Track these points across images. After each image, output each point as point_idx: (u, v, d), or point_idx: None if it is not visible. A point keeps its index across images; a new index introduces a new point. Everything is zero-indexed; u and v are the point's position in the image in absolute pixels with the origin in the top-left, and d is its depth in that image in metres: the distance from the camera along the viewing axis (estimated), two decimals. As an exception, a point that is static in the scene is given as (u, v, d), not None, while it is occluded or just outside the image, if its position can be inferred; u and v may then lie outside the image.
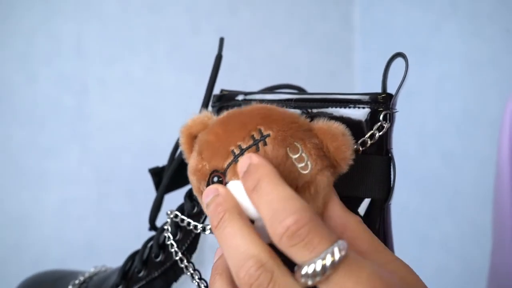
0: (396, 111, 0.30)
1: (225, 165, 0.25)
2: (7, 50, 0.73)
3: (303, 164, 0.25)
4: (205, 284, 0.32)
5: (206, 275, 0.32)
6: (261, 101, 0.30)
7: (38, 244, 0.76)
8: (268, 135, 0.25)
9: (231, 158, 0.25)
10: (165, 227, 0.35)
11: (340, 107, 0.29)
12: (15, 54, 0.74)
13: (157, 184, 0.38)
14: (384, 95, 0.29)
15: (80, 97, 0.77)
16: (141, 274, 0.35)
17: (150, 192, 0.83)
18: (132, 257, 0.37)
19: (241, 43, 0.87)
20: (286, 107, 0.29)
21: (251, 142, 0.25)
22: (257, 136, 0.25)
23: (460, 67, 0.78)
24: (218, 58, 0.34)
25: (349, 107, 0.29)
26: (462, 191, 0.78)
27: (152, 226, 0.38)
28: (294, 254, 0.21)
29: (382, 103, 0.29)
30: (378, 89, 0.30)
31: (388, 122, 0.29)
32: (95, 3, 0.78)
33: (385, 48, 0.93)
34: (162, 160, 0.83)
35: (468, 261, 0.77)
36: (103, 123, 0.79)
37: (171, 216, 0.34)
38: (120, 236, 0.80)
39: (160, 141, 0.82)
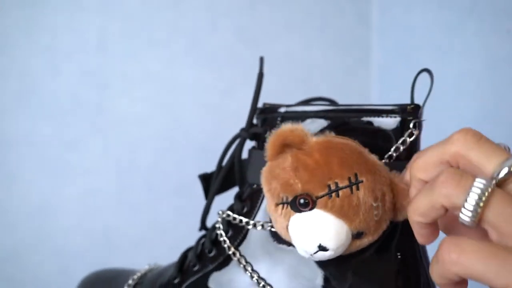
0: (423, 120, 0.33)
1: (319, 195, 0.29)
2: (32, 45, 0.76)
3: (377, 212, 0.29)
4: (258, 275, 0.35)
5: (257, 267, 0.35)
6: (304, 112, 0.34)
7: (60, 234, 0.78)
8: (362, 181, 0.29)
9: (326, 190, 0.29)
10: (217, 225, 0.38)
11: (374, 117, 0.33)
12: (40, 49, 0.76)
13: (205, 188, 0.42)
14: (413, 106, 0.33)
15: (102, 91, 0.79)
16: (196, 268, 0.38)
17: (168, 184, 0.85)
18: (185, 254, 0.40)
19: (258, 40, 0.88)
20: (326, 118, 0.34)
21: (347, 182, 0.28)
22: (353, 179, 0.29)
23: (480, 65, 0.78)
24: (260, 76, 0.37)
25: (382, 117, 0.33)
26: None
27: (203, 226, 0.42)
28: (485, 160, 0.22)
29: (411, 113, 0.32)
30: (395, 89, 0.34)
31: (417, 129, 0.32)
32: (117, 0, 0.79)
33: (403, 46, 0.93)
34: (180, 154, 0.84)
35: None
36: (124, 117, 0.80)
37: (223, 215, 0.37)
38: (139, 228, 0.82)
39: (179, 135, 0.84)
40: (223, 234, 0.37)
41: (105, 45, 0.79)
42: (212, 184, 0.40)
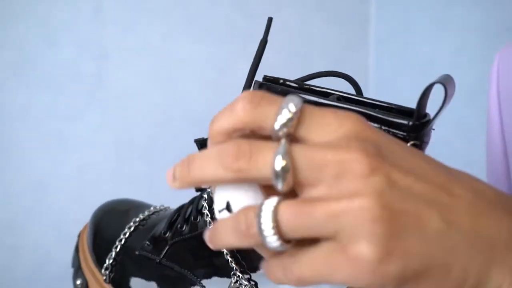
0: (425, 142, 0.29)
1: None
2: (29, 16, 0.75)
3: None
4: (235, 257, 0.35)
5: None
6: (308, 87, 0.31)
7: (58, 206, 0.79)
8: None
9: None
10: (204, 195, 0.38)
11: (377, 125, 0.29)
12: (36, 19, 0.75)
13: None
14: (412, 124, 0.28)
15: (99, 63, 0.79)
16: (183, 230, 0.38)
17: (166, 156, 0.85)
18: (178, 210, 0.40)
19: (256, 13, 0.87)
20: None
21: None
22: None
23: (476, 38, 0.78)
24: (263, 43, 0.33)
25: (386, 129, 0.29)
26: (473, 161, 0.79)
27: (198, 189, 0.39)
28: (262, 121, 0.22)
29: (411, 131, 0.28)
30: (393, 63, 0.29)
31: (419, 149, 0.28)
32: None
33: (401, 21, 0.92)
34: (178, 127, 0.85)
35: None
36: (121, 89, 0.80)
37: (209, 189, 0.37)
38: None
39: (176, 107, 0.84)
40: (207, 207, 0.37)
41: (102, 15, 0.78)
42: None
